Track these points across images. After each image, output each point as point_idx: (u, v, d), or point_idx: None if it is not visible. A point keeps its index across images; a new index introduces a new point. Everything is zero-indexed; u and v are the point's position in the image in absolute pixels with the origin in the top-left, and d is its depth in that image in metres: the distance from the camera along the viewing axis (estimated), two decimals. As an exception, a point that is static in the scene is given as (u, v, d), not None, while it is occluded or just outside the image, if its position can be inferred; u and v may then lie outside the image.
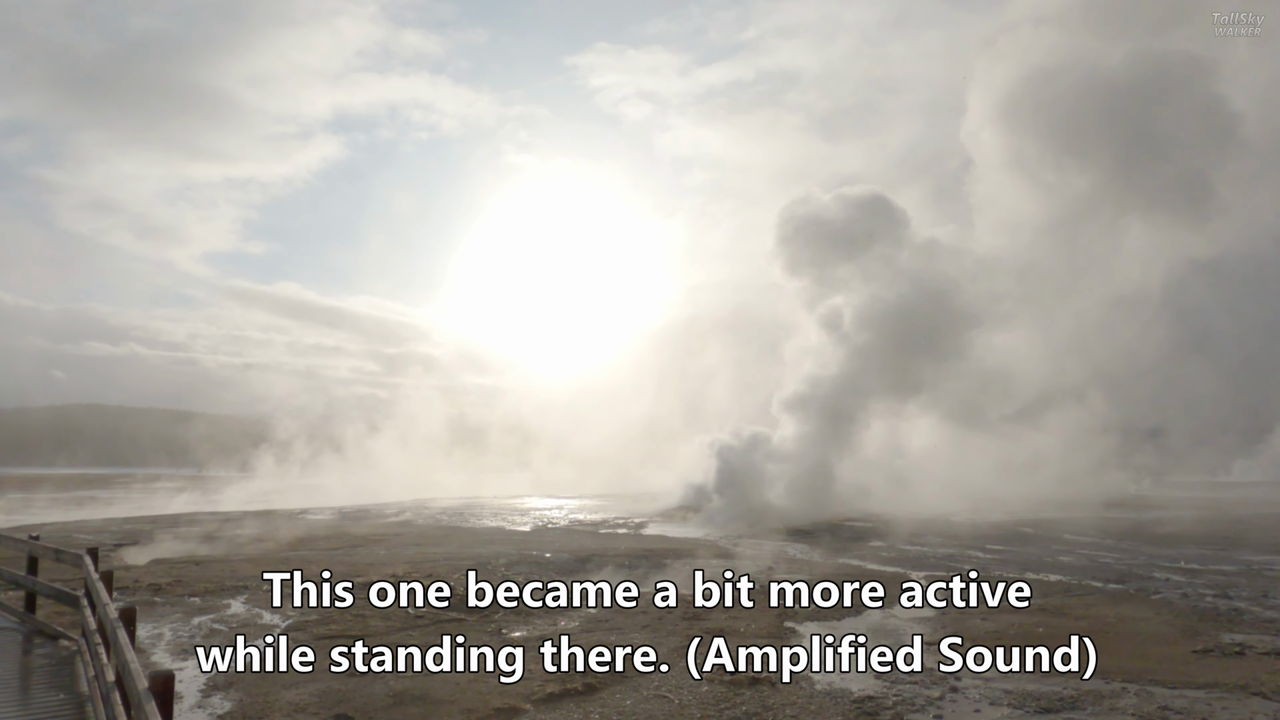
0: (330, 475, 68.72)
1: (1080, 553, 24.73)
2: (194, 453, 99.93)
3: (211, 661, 11.05)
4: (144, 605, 14.57)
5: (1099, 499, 47.77)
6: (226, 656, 11.33)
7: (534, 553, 22.63)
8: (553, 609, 15.01)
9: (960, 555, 24.03)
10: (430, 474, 67.42)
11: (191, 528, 28.88)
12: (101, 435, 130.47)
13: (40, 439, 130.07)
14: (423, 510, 39.08)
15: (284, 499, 48.94)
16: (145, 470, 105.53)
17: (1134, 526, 32.70)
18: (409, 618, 13.94)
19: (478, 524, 32.41)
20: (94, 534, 26.84)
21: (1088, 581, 19.14)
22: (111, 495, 55.71)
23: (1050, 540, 28.11)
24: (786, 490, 39.01)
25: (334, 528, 29.87)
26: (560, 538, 27.19)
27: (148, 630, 12.81)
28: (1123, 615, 14.92)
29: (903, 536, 29.05)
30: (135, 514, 37.83)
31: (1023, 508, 42.27)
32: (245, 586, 16.64)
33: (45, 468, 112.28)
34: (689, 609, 14.92)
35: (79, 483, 67.33)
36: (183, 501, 49.29)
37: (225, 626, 13.19)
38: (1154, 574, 20.43)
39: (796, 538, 28.58)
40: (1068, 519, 36.12)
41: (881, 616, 15.02)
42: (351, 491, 54.12)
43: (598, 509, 41.16)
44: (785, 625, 13.90)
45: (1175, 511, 40.82)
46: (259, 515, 35.66)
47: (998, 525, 33.54)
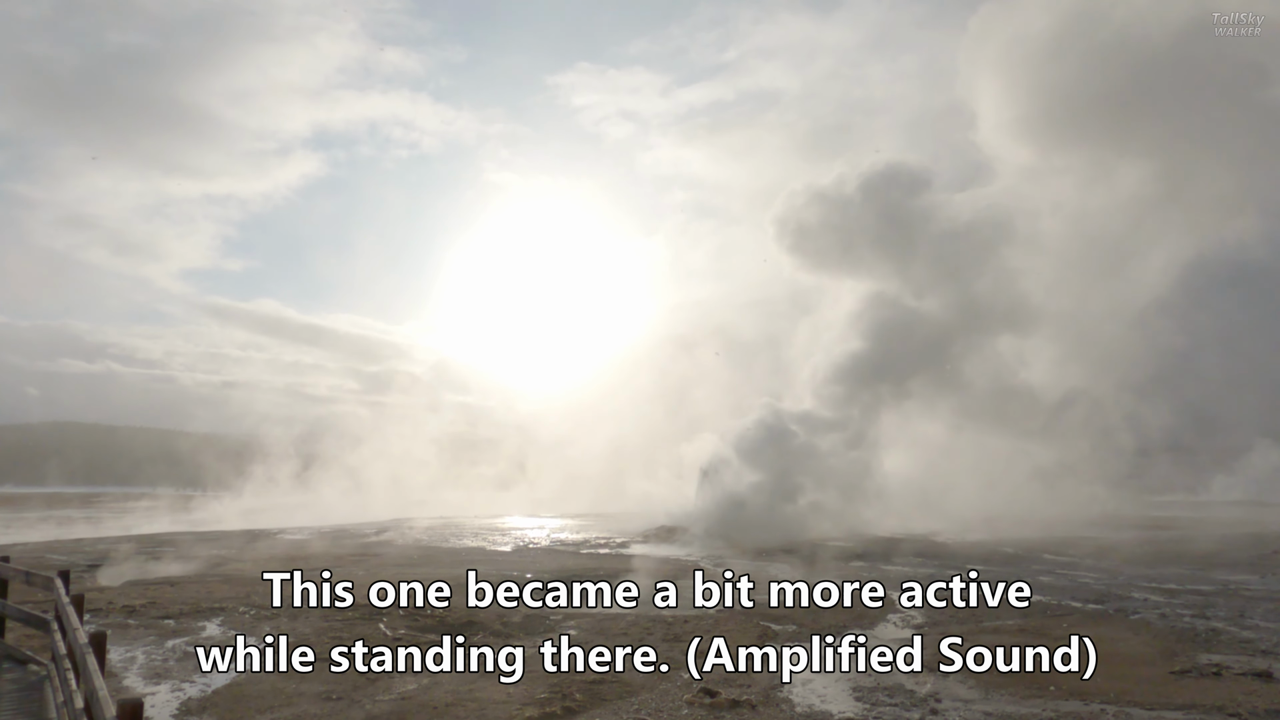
0: (309, 494, 68.06)
1: (1060, 573, 24.83)
2: (171, 472, 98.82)
3: (183, 688, 10.88)
4: (117, 628, 14.34)
5: (1080, 518, 47.99)
6: (198, 681, 11.17)
7: (514, 573, 22.48)
8: (533, 631, 14.90)
9: (941, 575, 24.05)
10: (410, 493, 66.93)
11: (167, 548, 28.51)
12: (77, 454, 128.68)
13: (13, 458, 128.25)
14: (402, 530, 38.77)
15: (262, 518, 48.41)
16: (121, 489, 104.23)
17: (1113, 546, 32.86)
18: (387, 640, 13.79)
19: (458, 544, 32.18)
20: (67, 554, 26.44)
21: (1067, 602, 19.20)
22: (86, 515, 54.93)
23: (1030, 560, 28.21)
24: (769, 511, 38.98)
25: (312, 548, 29.57)
26: (542, 558, 27.04)
27: (120, 654, 12.60)
28: (1102, 636, 14.97)
29: (883, 556, 29.08)
30: (110, 534, 37.31)
31: (1004, 526, 42.43)
32: (221, 608, 16.42)
33: (18, 486, 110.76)
34: (670, 629, 14.84)
35: (53, 502, 66.43)
36: (159, 521, 48.65)
37: (200, 650, 12.99)
38: (1133, 594, 20.54)
39: (778, 558, 28.55)
40: (1049, 538, 36.25)
41: (862, 637, 14.99)
42: (331, 511, 53.60)
43: (580, 529, 40.99)
44: (766, 647, 13.85)
45: (1154, 531, 41.08)
46: (236, 535, 35.26)
47: (979, 544, 33.63)
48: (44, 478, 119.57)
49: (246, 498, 67.50)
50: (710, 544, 33.23)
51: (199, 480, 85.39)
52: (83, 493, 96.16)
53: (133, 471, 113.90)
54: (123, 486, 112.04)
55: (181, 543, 30.69)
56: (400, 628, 14.73)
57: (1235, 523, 47.65)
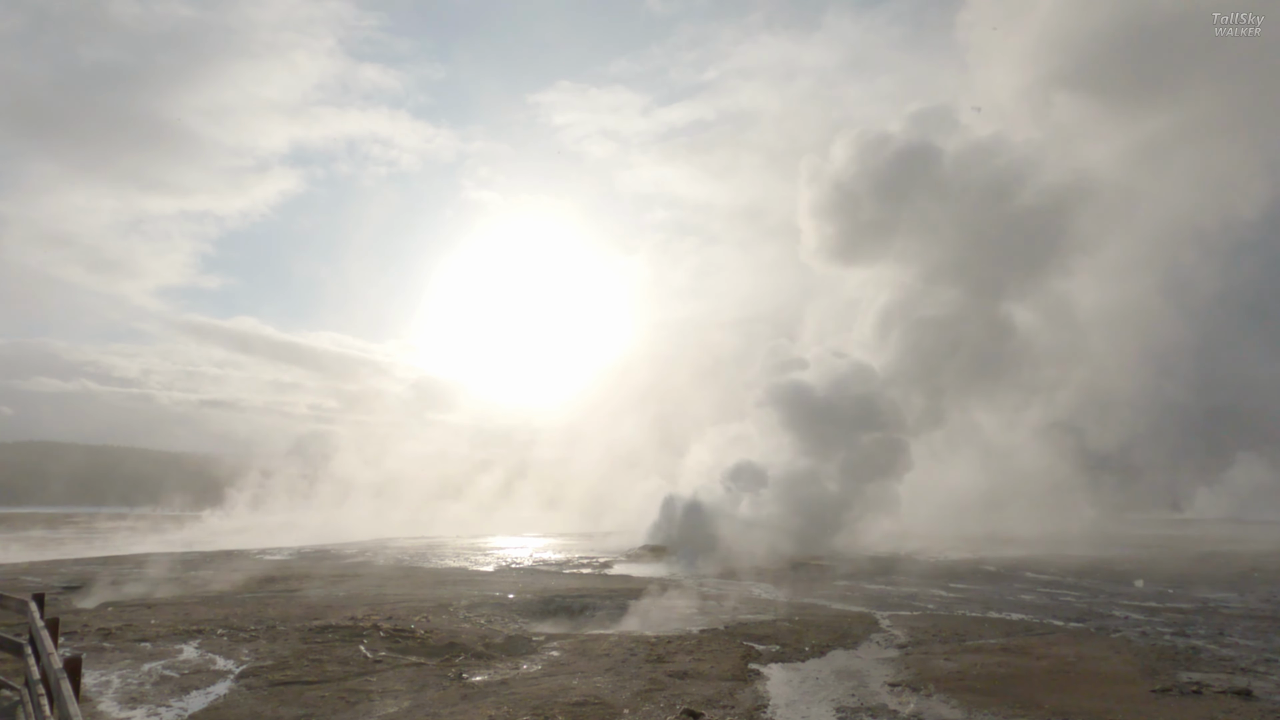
0: (288, 514, 67.45)
1: (1042, 591, 24.93)
2: (148, 491, 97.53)
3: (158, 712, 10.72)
4: (92, 651, 14.12)
5: (1061, 535, 48.25)
6: (174, 705, 11.01)
7: (496, 594, 22.33)
8: (516, 652, 14.79)
9: (923, 594, 24.10)
10: (392, 513, 66.46)
11: (144, 569, 28.12)
12: (52, 473, 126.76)
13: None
14: (383, 550, 38.45)
15: (241, 538, 47.88)
16: (98, 509, 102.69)
17: (1094, 564, 33.04)
18: (368, 662, 13.65)
19: (439, 564, 31.94)
20: (43, 576, 26.05)
21: (1049, 620, 19.27)
22: (62, 535, 54.12)
23: (1012, 579, 28.32)
24: (752, 530, 38.94)
25: (292, 568, 29.26)
26: (523, 578, 26.87)
27: (95, 678, 12.40)
28: (1083, 654, 15.03)
29: (866, 575, 29.11)
30: (87, 554, 36.78)
31: (985, 544, 42.61)
32: (199, 630, 16.21)
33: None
34: (652, 650, 14.77)
35: (28, 522, 65.47)
36: (137, 542, 48.00)
37: (177, 673, 12.81)
38: (1114, 612, 20.64)
39: (761, 577, 28.51)
40: (1030, 556, 36.42)
41: (846, 657, 14.98)
42: (310, 531, 53.09)
43: (562, 548, 40.78)
44: (750, 667, 13.81)
45: (1134, 550, 41.33)
46: (214, 556, 34.85)
47: (960, 562, 33.75)
48: (19, 498, 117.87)
49: (225, 518, 66.81)
50: (693, 564, 33.14)
51: (177, 501, 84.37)
52: (59, 513, 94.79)
53: (110, 492, 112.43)
54: (100, 507, 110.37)
55: (159, 564, 30.28)
56: (381, 649, 14.59)
57: (1216, 540, 48.04)
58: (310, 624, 16.74)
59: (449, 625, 17.09)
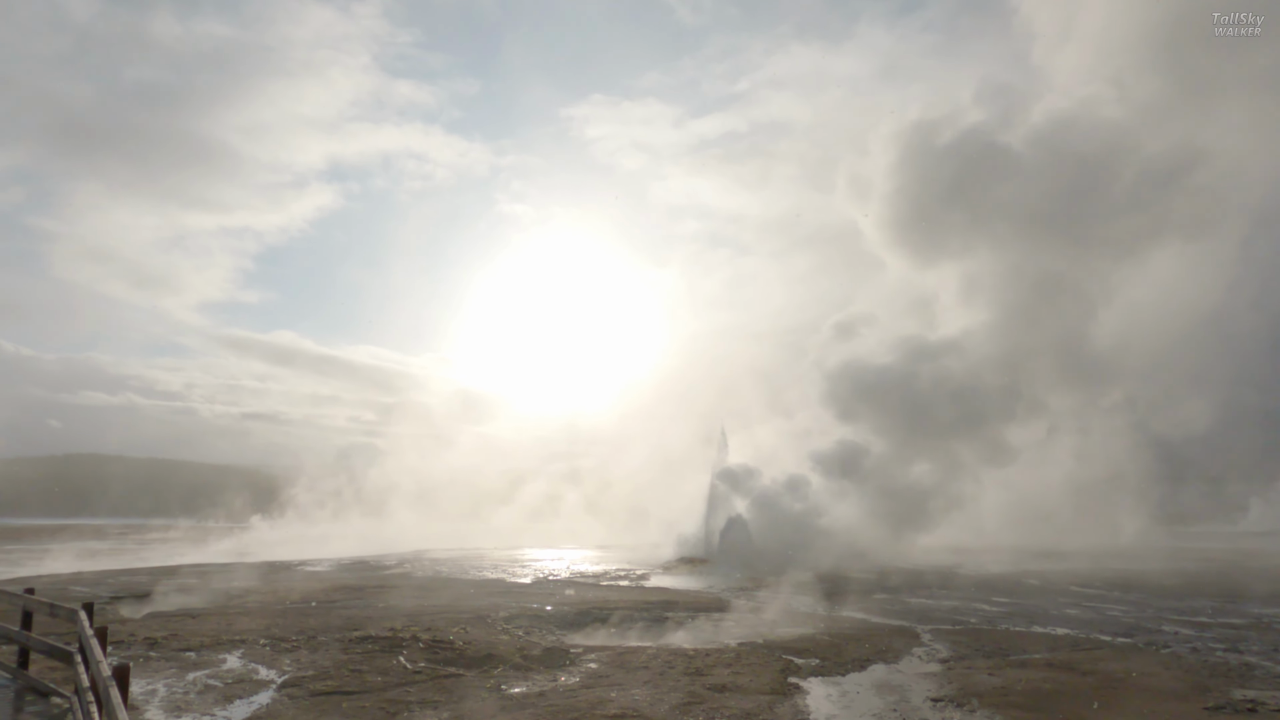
0: (327, 526, 68.19)
1: (1087, 605, 24.44)
2: (192, 503, 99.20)
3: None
4: (138, 660, 14.35)
5: (1105, 548, 47.30)
6: (218, 715, 11.14)
7: (534, 605, 22.36)
8: (554, 664, 14.78)
9: (965, 607, 23.74)
10: (428, 524, 66.95)
11: (188, 580, 28.57)
12: (99, 486, 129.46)
13: (36, 490, 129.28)
14: (421, 561, 38.72)
15: (282, 550, 48.49)
16: (143, 521, 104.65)
17: (1141, 578, 32.34)
18: (407, 672, 13.72)
19: (477, 575, 32.08)
20: (90, 586, 26.56)
21: (1095, 635, 18.88)
22: (108, 546, 55.17)
23: (1057, 592, 27.80)
24: (790, 544, 38.68)
25: (332, 579, 29.55)
26: (560, 590, 26.89)
27: (141, 686, 12.59)
28: (1132, 670, 14.69)
29: (905, 588, 28.73)
30: (132, 565, 37.45)
31: (1027, 557, 41.90)
32: (242, 641, 16.41)
33: (42, 518, 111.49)
34: (691, 663, 14.68)
35: (76, 534, 66.73)
36: (180, 553, 48.82)
37: (220, 682, 12.97)
38: (1163, 627, 20.17)
39: (800, 590, 28.25)
40: (1074, 570, 35.75)
41: (886, 671, 14.78)
42: (349, 542, 53.64)
43: (599, 560, 40.78)
44: (789, 681, 13.68)
45: (1183, 563, 40.40)
46: (256, 567, 35.31)
47: (1002, 576, 33.21)
48: (68, 510, 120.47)
49: (266, 529, 67.72)
50: (730, 575, 32.96)
51: (219, 512, 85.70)
52: (105, 524, 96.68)
53: (154, 503, 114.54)
54: (144, 518, 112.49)
55: (202, 574, 30.77)
56: (420, 660, 14.65)
57: (1269, 554, 46.78)
58: (350, 634, 16.87)
59: (487, 636, 17.14)
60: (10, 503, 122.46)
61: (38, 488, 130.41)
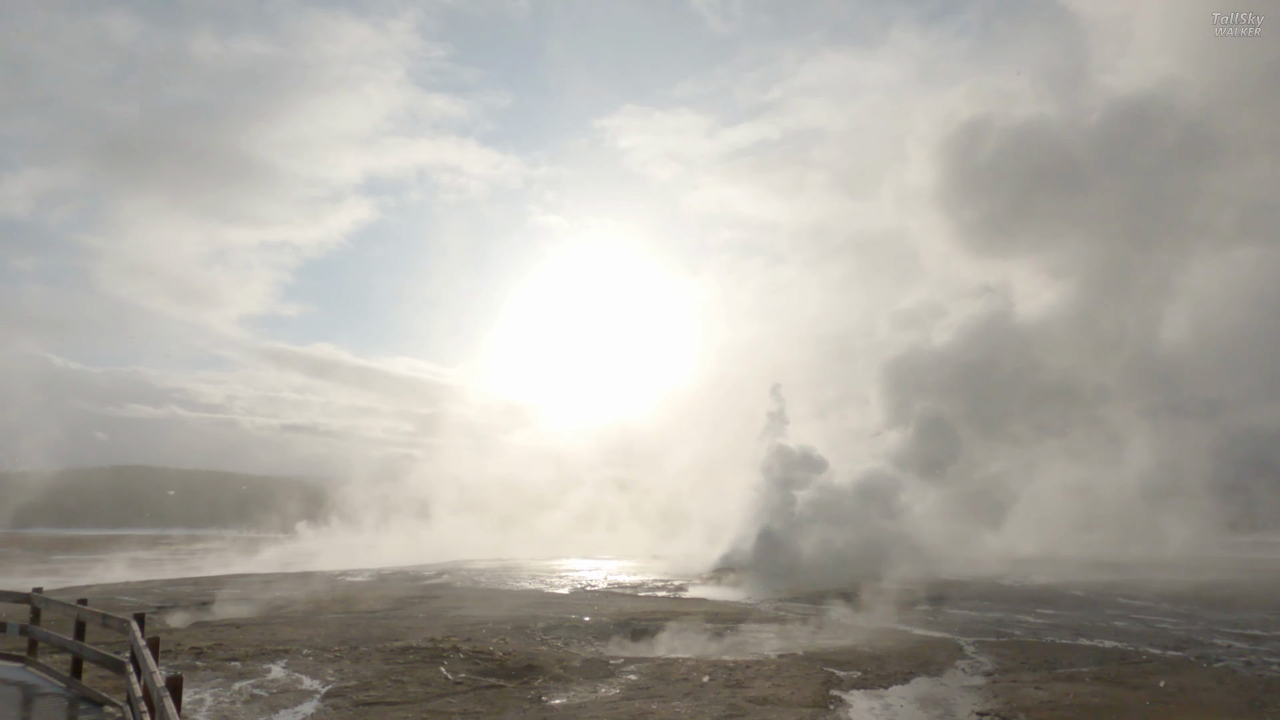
0: (368, 536, 68.81)
1: (1136, 618, 23.92)
2: (235, 514, 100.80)
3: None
4: (185, 669, 14.57)
5: (1154, 559, 46.26)
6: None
7: (572, 616, 22.38)
8: (593, 675, 14.77)
9: (1009, 619, 23.36)
10: (466, 534, 67.25)
11: (232, 589, 28.99)
12: (145, 497, 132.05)
13: (84, 501, 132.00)
14: (460, 572, 38.94)
15: (323, 560, 49.07)
16: (187, 531, 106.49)
17: (1191, 589, 31.60)
18: (448, 683, 13.79)
19: (515, 586, 32.19)
20: (137, 595, 27.05)
21: (1145, 648, 18.47)
22: (154, 556, 56.18)
23: (1103, 604, 27.25)
24: (830, 553, 38.34)
25: (373, 590, 29.83)
26: (599, 601, 26.89)
27: (189, 695, 12.78)
28: (1184, 685, 14.35)
29: (948, 599, 28.33)
30: (178, 575, 38.11)
31: (1072, 568, 41.13)
32: (285, 651, 16.60)
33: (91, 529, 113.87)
34: (731, 675, 14.60)
35: (122, 544, 68.07)
36: (224, 563, 49.61)
37: (265, 692, 13.13)
38: (1215, 640, 19.68)
39: (840, 601, 27.98)
40: (1121, 581, 35.03)
41: (930, 684, 14.58)
42: (390, 552, 54.14)
43: (636, 570, 40.73)
44: (831, 693, 13.54)
45: (1235, 574, 39.42)
46: (298, 577, 35.74)
47: (1047, 587, 32.64)
48: (114, 520, 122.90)
49: (307, 540, 68.50)
50: (769, 586, 32.73)
51: (261, 522, 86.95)
52: (151, 535, 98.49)
53: (198, 514, 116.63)
54: (189, 529, 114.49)
55: (245, 584, 31.21)
56: (461, 671, 14.73)
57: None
58: (392, 645, 17.01)
59: (526, 647, 17.18)
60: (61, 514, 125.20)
61: (86, 499, 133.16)
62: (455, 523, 71.70)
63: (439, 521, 72.04)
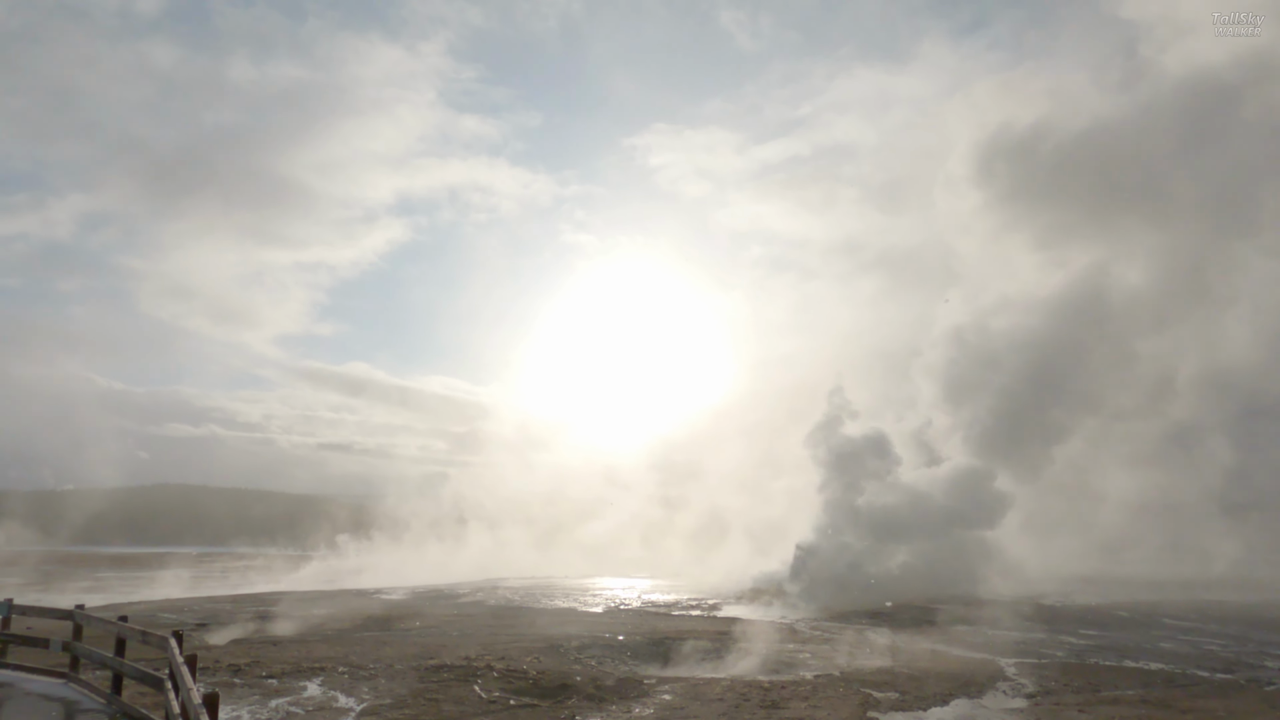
0: (403, 554, 69.17)
1: (1183, 639, 23.35)
2: (273, 532, 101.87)
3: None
4: (223, 686, 14.70)
5: (1200, 579, 45.15)
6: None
7: (606, 635, 22.29)
8: (627, 695, 14.68)
9: (1051, 640, 22.90)
10: (500, 553, 67.34)
11: (270, 607, 29.26)
12: (183, 515, 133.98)
13: (125, 519, 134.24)
14: (494, 590, 38.98)
15: (358, 578, 49.37)
16: (225, 549, 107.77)
17: (1240, 609, 30.78)
18: (482, 702, 13.78)
19: (549, 604, 32.15)
20: (177, 612, 27.39)
21: (1193, 671, 18.01)
22: (194, 574, 56.84)
23: (1149, 625, 26.64)
24: (865, 573, 37.86)
25: (408, 608, 29.94)
26: (633, 620, 26.76)
27: (226, 713, 12.90)
28: (1234, 709, 13.95)
29: (990, 620, 27.84)
30: (216, 593, 38.54)
31: (1116, 587, 40.26)
32: (321, 669, 16.70)
33: (132, 547, 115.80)
34: (766, 696, 14.44)
35: (162, 562, 68.99)
36: (261, 581, 50.11)
37: (301, 710, 13.21)
38: (1266, 663, 19.15)
39: (878, 621, 27.61)
40: (1166, 601, 34.22)
41: (970, 706, 14.31)
42: (424, 570, 54.36)
43: (670, 589, 40.50)
44: (868, 715, 13.34)
45: None
46: (334, 595, 35.98)
47: (1090, 608, 31.96)
48: (155, 538, 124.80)
49: (342, 558, 68.96)
50: (804, 606, 32.39)
51: (297, 540, 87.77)
52: (190, 553, 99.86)
53: (235, 532, 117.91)
54: (226, 547, 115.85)
55: (282, 602, 31.47)
56: (494, 690, 14.71)
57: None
58: (426, 663, 17.04)
59: (560, 666, 17.13)
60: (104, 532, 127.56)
61: (131, 517, 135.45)
62: (490, 540, 71.88)
63: (474, 539, 72.27)
